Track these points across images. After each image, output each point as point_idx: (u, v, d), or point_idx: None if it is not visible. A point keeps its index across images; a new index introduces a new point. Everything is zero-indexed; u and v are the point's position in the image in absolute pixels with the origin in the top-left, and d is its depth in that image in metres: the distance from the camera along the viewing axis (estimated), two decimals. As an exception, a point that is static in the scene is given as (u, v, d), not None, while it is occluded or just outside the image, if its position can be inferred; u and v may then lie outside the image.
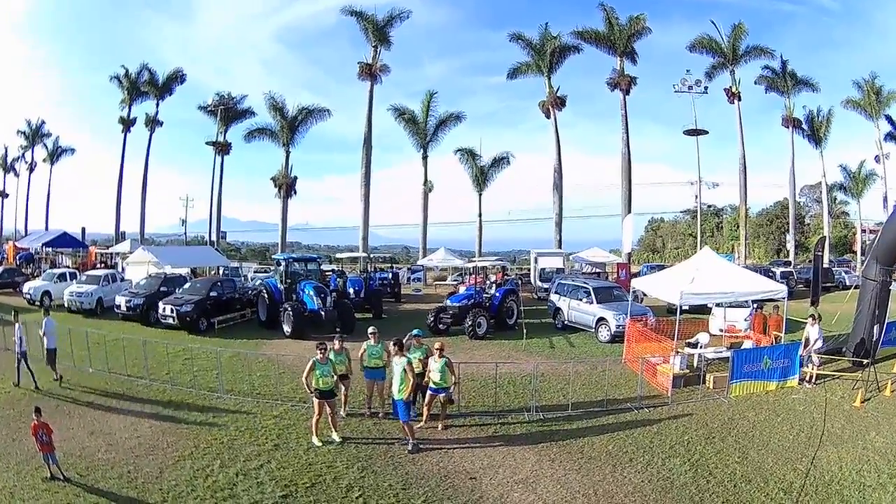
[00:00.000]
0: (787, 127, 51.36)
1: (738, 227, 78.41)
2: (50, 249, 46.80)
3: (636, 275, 37.48)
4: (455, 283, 36.10)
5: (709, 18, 50.08)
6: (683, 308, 24.91)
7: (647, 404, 12.96)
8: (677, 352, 14.20)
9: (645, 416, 12.30)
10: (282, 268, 23.06)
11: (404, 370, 10.46)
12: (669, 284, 14.80)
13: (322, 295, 21.20)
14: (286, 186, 49.39)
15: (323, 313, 20.74)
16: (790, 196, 54.20)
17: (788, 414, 12.59)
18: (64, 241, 47.65)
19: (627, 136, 45.04)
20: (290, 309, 20.76)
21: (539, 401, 12.91)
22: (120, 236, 55.88)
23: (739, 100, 48.86)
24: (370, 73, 45.86)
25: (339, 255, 34.48)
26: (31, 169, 64.56)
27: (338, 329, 21.21)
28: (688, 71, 45.71)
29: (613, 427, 11.66)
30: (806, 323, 15.74)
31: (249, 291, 25.36)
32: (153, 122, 54.31)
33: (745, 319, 19.78)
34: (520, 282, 39.31)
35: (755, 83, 51.12)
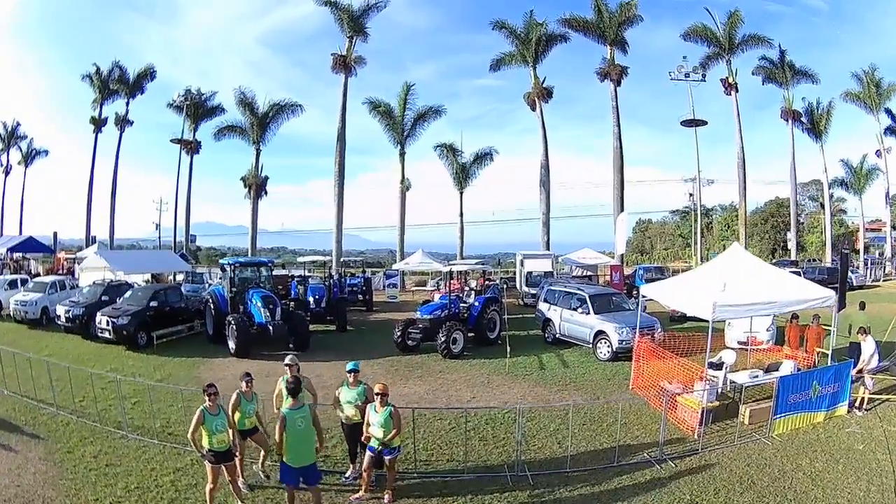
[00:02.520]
0: (787, 120, 48.82)
1: (728, 227, 76.54)
2: (19, 254, 44.54)
3: (630, 277, 34.62)
4: (433, 288, 32.92)
5: (696, 18, 47.25)
6: (688, 315, 21.90)
7: (670, 454, 9.68)
8: (707, 380, 10.96)
9: (671, 474, 9.01)
10: (228, 274, 19.72)
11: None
12: (694, 293, 11.50)
13: (271, 306, 17.91)
14: (256, 187, 45.94)
15: (270, 327, 17.50)
16: (791, 191, 51.59)
17: (849, 458, 9.59)
18: (30, 245, 45.20)
19: (619, 130, 41.97)
20: (233, 322, 17.58)
21: (526, 450, 9.67)
22: (90, 241, 52.54)
23: (736, 91, 46.14)
24: (344, 64, 42.61)
25: (301, 259, 30.95)
26: (7, 172, 61.04)
27: (290, 345, 18.22)
28: (684, 57, 42.82)
29: (630, 494, 8.35)
30: (831, 331, 12.80)
31: (203, 300, 22.37)
32: (123, 122, 51.42)
33: (768, 329, 16.74)
34: (504, 286, 36.19)
35: (753, 74, 48.68)
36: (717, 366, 13.42)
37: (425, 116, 42.35)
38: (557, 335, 18.53)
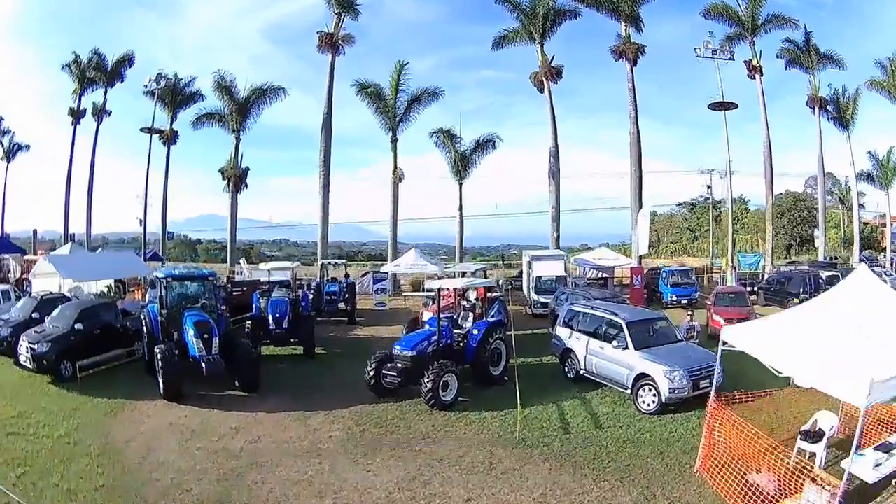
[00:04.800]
0: (813, 108, 44.44)
1: (737, 220, 72.53)
2: None
3: (652, 277, 30.44)
4: (427, 295, 28.74)
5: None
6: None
7: None
8: (830, 487, 6.83)
9: None
10: (158, 291, 15.61)
11: None
12: (823, 353, 7.14)
13: (205, 335, 13.74)
14: (236, 179, 41.82)
15: (203, 364, 13.39)
16: (819, 185, 47.47)
17: None
18: (2, 246, 41.54)
19: (636, 114, 37.45)
20: (159, 355, 13.53)
21: None
22: (69, 238, 49.27)
23: (761, 74, 41.73)
24: (331, 43, 38.21)
25: (265, 266, 26.31)
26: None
27: (236, 383, 14.13)
28: (710, 33, 38.15)
29: None
30: None
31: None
32: (101, 112, 48.05)
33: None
34: (510, 287, 32.00)
35: (777, 57, 44.37)
36: (813, 435, 9.41)
37: (420, 99, 37.84)
38: (581, 371, 14.32)
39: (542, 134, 38.23)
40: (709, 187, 53.89)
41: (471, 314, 15.07)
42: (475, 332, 14.17)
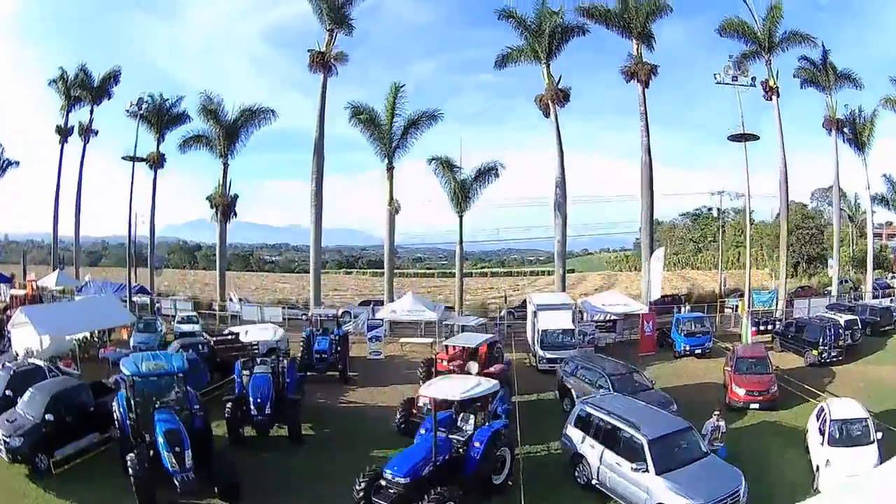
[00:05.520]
0: (829, 130, 42.88)
1: (742, 232, 71.13)
2: None
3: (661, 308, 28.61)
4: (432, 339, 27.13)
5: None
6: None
7: None
8: None
9: None
10: (126, 390, 13.79)
11: None
12: None
13: (177, 448, 11.97)
14: (224, 207, 39.54)
15: (177, 481, 11.79)
16: (834, 211, 45.87)
17: None
18: None
19: (648, 140, 35.54)
20: (130, 467, 11.93)
21: None
22: (57, 263, 49.08)
23: (778, 95, 39.78)
24: (322, 62, 36.21)
25: (247, 338, 23.89)
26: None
27: (216, 489, 12.53)
28: (731, 56, 35.97)
29: None
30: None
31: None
32: (87, 132, 46.64)
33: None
34: (511, 317, 30.29)
35: (794, 76, 42.75)
36: None
37: (418, 123, 35.71)
38: (594, 481, 12.62)
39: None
40: (720, 209, 52.56)
41: (472, 416, 13.24)
42: (477, 444, 12.40)
